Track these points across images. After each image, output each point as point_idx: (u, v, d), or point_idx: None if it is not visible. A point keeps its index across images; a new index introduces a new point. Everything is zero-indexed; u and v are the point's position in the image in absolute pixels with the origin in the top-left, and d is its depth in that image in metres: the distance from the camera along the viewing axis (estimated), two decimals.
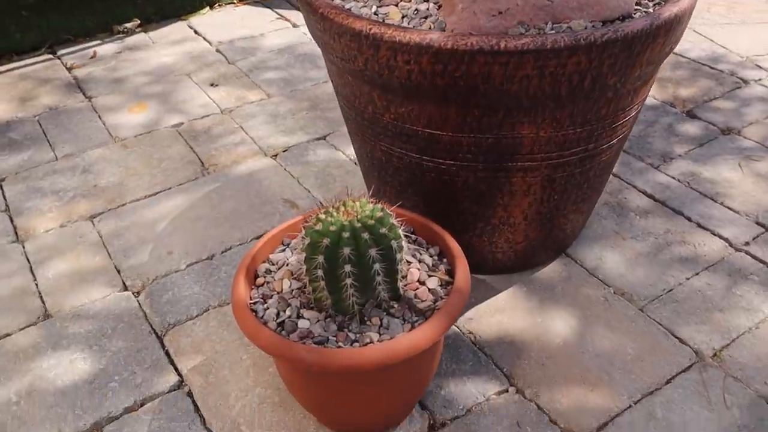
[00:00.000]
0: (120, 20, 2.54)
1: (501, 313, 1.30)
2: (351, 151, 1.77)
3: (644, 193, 1.60)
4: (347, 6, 1.17)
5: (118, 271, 1.45)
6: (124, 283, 1.42)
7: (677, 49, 2.22)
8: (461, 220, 1.25)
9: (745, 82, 2.03)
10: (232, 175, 1.71)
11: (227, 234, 1.53)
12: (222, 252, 1.48)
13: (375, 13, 1.14)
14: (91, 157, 1.82)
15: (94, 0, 2.66)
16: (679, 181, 1.63)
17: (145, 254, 1.49)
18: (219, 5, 2.66)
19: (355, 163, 1.72)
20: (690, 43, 2.26)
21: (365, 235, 0.91)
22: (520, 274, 1.38)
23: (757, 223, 1.50)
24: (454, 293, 0.96)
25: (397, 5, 1.16)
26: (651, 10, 1.14)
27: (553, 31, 1.03)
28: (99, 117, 1.99)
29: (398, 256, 0.94)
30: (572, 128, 1.11)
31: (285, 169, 1.72)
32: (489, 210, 1.22)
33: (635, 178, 1.64)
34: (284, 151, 1.79)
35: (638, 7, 1.15)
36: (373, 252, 0.91)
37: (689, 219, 1.52)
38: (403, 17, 1.13)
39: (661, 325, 1.27)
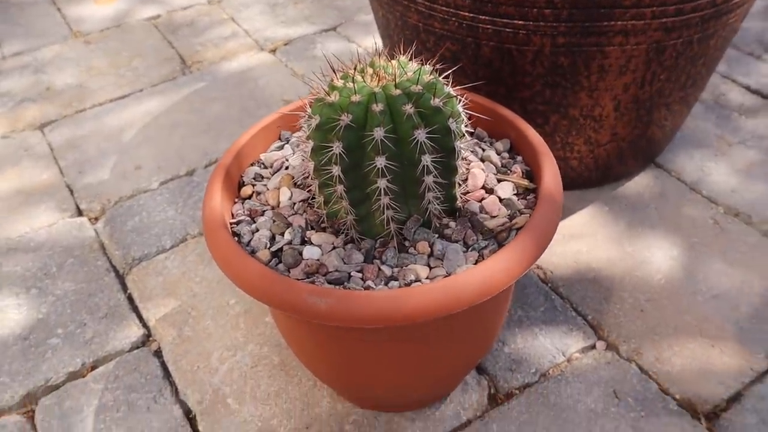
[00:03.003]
0: None
1: (578, 241, 0.96)
2: (369, 42, 1.41)
3: (748, 88, 1.24)
4: None
5: (71, 192, 1.12)
6: (77, 207, 1.09)
7: None
8: (527, 111, 0.90)
9: None
10: (220, 74, 1.36)
11: (212, 144, 1.19)
12: (205, 167, 1.14)
13: None
14: (46, 55, 1.47)
15: None
16: None
17: (106, 170, 1.15)
18: None
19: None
20: None
21: (409, 109, 0.56)
22: (599, 189, 1.04)
23: None
24: (542, 203, 0.61)
25: None
26: None
27: None
28: (58, 10, 1.63)
29: (458, 144, 0.60)
30: None
31: (286, 65, 1.37)
32: (568, 95, 0.87)
33: (733, 70, 1.28)
34: (285, 45, 1.43)
35: None
36: (421, 135, 0.57)
37: None
38: None
39: None
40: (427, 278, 0.59)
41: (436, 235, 0.62)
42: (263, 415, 0.78)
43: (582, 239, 0.96)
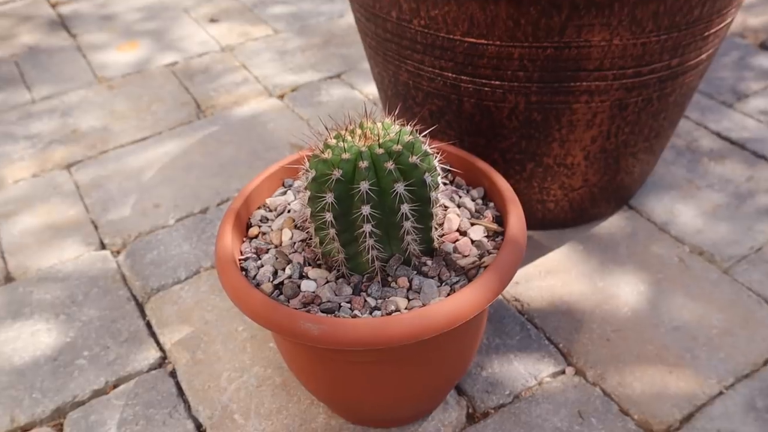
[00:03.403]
0: None
1: (553, 276, 1.06)
2: (370, 89, 1.53)
3: (718, 134, 1.34)
4: None
5: (96, 227, 1.23)
6: (101, 241, 1.20)
7: None
8: (505, 160, 1.01)
9: None
10: (232, 118, 1.48)
11: (224, 184, 1.30)
12: (217, 205, 1.25)
13: None
14: (72, 99, 1.59)
15: None
16: (758, 120, 1.37)
17: (127, 208, 1.26)
18: None
19: (375, 104, 1.47)
20: None
21: (389, 165, 0.67)
22: (575, 229, 1.14)
23: None
24: (506, 245, 0.72)
25: None
26: None
27: None
28: (83, 56, 1.76)
29: (433, 194, 0.70)
30: (655, 34, 0.86)
31: (293, 111, 1.48)
32: (542, 146, 0.98)
33: (706, 118, 1.39)
34: (293, 91, 1.55)
35: None
36: (400, 187, 0.67)
37: None
38: None
39: (751, 290, 1.02)
40: (405, 308, 0.69)
41: (415, 272, 0.73)
42: (266, 429, 0.88)
43: (557, 275, 1.06)
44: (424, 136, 0.89)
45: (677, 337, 0.96)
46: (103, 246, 1.19)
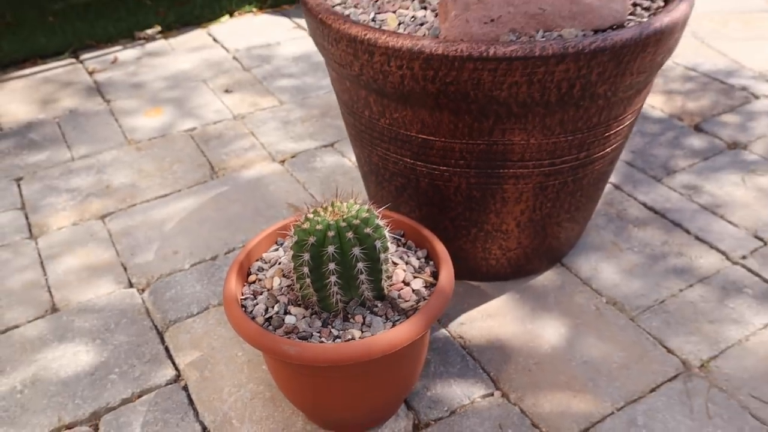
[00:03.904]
0: (142, 27, 2.61)
1: (492, 319, 1.32)
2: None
3: (644, 204, 1.61)
4: (347, 12, 1.21)
5: (125, 269, 1.50)
6: (129, 280, 1.46)
7: (689, 63, 2.23)
8: (454, 226, 1.28)
9: (756, 96, 2.03)
10: (240, 180, 1.75)
11: (231, 236, 1.57)
12: (225, 253, 1.52)
13: (373, 20, 1.18)
14: (106, 158, 1.87)
15: (119, 7, 2.74)
16: (680, 193, 1.64)
17: (151, 253, 1.53)
18: (238, 13, 2.72)
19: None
20: (703, 58, 2.26)
21: (349, 234, 0.94)
22: (514, 282, 1.40)
23: (756, 237, 1.50)
24: (435, 294, 0.98)
25: (394, 12, 1.19)
26: (645, 19, 1.15)
27: (543, 39, 1.05)
28: (116, 120, 2.05)
29: (382, 256, 0.97)
30: (563, 136, 1.13)
31: (291, 175, 1.76)
32: (481, 216, 1.25)
33: (636, 190, 1.66)
34: (292, 157, 1.83)
35: (632, 17, 1.17)
36: (356, 251, 0.94)
37: (688, 231, 1.52)
38: (399, 24, 1.16)
39: (650, 334, 1.28)
40: (360, 338, 0.95)
41: (368, 311, 0.99)
42: (256, 431, 1.13)
43: (495, 318, 1.32)
44: (386, 207, 1.16)
45: (585, 369, 1.21)
46: (130, 284, 1.46)
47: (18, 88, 2.26)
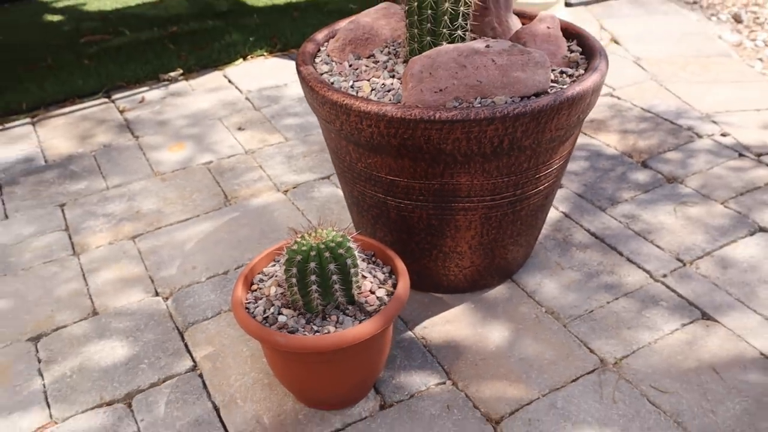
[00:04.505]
0: (166, 70, 2.95)
1: (450, 324, 1.62)
2: None
3: (588, 231, 1.91)
4: (332, 80, 1.53)
5: (152, 281, 1.81)
6: (156, 290, 1.78)
7: (646, 104, 2.53)
8: (419, 248, 1.58)
9: (699, 136, 2.33)
10: (250, 207, 2.07)
11: (240, 255, 1.88)
12: (235, 269, 1.84)
13: (351, 86, 1.50)
14: (136, 187, 2.20)
15: (146, 51, 3.09)
16: (619, 221, 1.94)
17: (174, 268, 1.85)
18: (251, 57, 3.06)
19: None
20: (659, 100, 2.57)
21: (327, 254, 1.25)
22: (471, 294, 1.70)
23: (677, 259, 1.79)
24: (393, 300, 1.29)
25: (369, 80, 1.51)
26: (566, 85, 1.46)
27: (479, 105, 1.37)
28: (144, 154, 2.38)
29: (352, 270, 1.28)
30: (500, 178, 1.44)
31: (293, 203, 2.08)
32: (440, 240, 1.55)
33: (583, 218, 1.96)
34: (294, 188, 2.15)
35: (555, 84, 1.48)
36: (332, 266, 1.25)
37: (621, 254, 1.82)
38: (372, 90, 1.48)
39: (577, 338, 1.57)
40: (334, 332, 1.26)
41: (341, 313, 1.30)
42: (256, 408, 1.44)
43: (453, 323, 1.62)
44: (363, 233, 1.47)
45: (520, 365, 1.51)
46: (157, 294, 1.77)
47: (59, 125, 2.60)
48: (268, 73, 2.92)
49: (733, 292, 1.68)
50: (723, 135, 2.32)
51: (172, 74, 2.92)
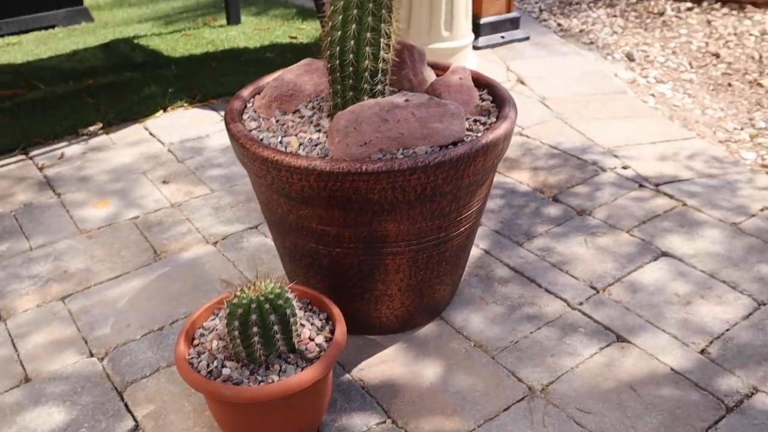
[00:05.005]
0: (85, 124, 2.94)
1: (385, 364, 1.69)
2: None
3: (507, 265, 2.03)
4: (261, 136, 1.59)
5: (86, 342, 1.81)
6: (90, 351, 1.78)
7: (553, 142, 2.69)
8: (352, 293, 1.65)
9: (603, 169, 2.50)
10: (180, 261, 2.10)
11: (174, 309, 1.90)
12: (170, 324, 1.85)
13: (280, 142, 1.57)
14: (62, 246, 2.19)
15: (62, 105, 3.07)
16: (536, 255, 2.06)
17: (107, 327, 1.85)
18: (171, 108, 3.09)
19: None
20: (564, 137, 2.74)
21: (267, 306, 1.31)
22: (402, 333, 1.78)
23: (591, 287, 1.93)
24: (331, 346, 1.35)
25: (296, 135, 1.58)
26: (480, 134, 1.57)
27: (402, 156, 1.46)
28: (67, 212, 2.37)
29: (291, 320, 1.33)
30: (425, 222, 1.53)
31: (223, 255, 2.11)
32: (371, 284, 1.63)
33: (502, 253, 2.07)
34: (223, 239, 2.19)
35: (470, 132, 1.59)
36: (272, 318, 1.31)
37: (540, 285, 1.94)
38: (300, 145, 1.55)
39: (506, 368, 1.67)
40: (278, 381, 1.31)
41: (283, 361, 1.35)
42: None
43: (388, 363, 1.69)
44: (297, 282, 1.53)
45: (455, 398, 1.59)
46: (92, 354, 1.77)
47: None
48: (189, 125, 2.96)
49: (643, 314, 1.82)
50: (624, 168, 2.50)
51: (92, 128, 2.91)
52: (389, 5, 1.52)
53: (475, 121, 1.65)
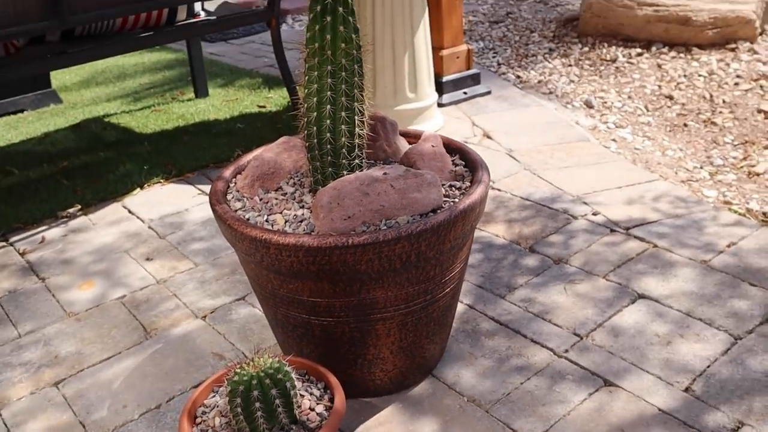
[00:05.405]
0: (63, 206, 2.97)
1: (382, 426, 1.73)
2: None
3: (492, 319, 2.09)
4: (247, 216, 1.65)
5: (84, 426, 1.83)
6: None
7: (524, 193, 2.79)
8: (345, 359, 1.70)
9: (575, 217, 2.60)
10: (171, 337, 2.13)
11: (170, 386, 1.93)
12: (167, 401, 1.88)
13: (266, 220, 1.63)
14: (50, 331, 2.21)
15: (39, 190, 3.11)
16: (519, 306, 2.13)
17: (104, 410, 1.87)
18: (147, 185, 3.14)
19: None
20: (534, 188, 2.84)
21: (267, 381, 1.35)
22: (397, 394, 1.82)
23: (575, 334, 1.99)
24: (332, 414, 1.40)
25: (281, 213, 1.65)
26: (457, 199, 1.65)
27: (385, 227, 1.53)
28: (53, 296, 2.39)
29: (292, 392, 1.38)
30: (411, 287, 1.59)
31: (213, 328, 2.15)
32: (363, 350, 1.68)
33: (486, 307, 2.14)
34: (212, 313, 2.23)
35: (447, 199, 1.67)
36: (273, 392, 1.35)
37: (525, 336, 2.01)
38: (285, 222, 1.61)
39: (500, 421, 1.72)
40: None
41: None
42: None
43: (384, 425, 1.73)
44: (294, 355, 1.57)
45: None
46: None
47: None
48: (167, 200, 3.00)
49: (626, 357, 1.89)
50: (594, 214, 2.60)
51: (70, 210, 2.94)
52: (360, 84, 1.61)
53: (451, 186, 1.74)
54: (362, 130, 1.64)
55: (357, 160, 1.66)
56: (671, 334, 1.96)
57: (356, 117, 1.61)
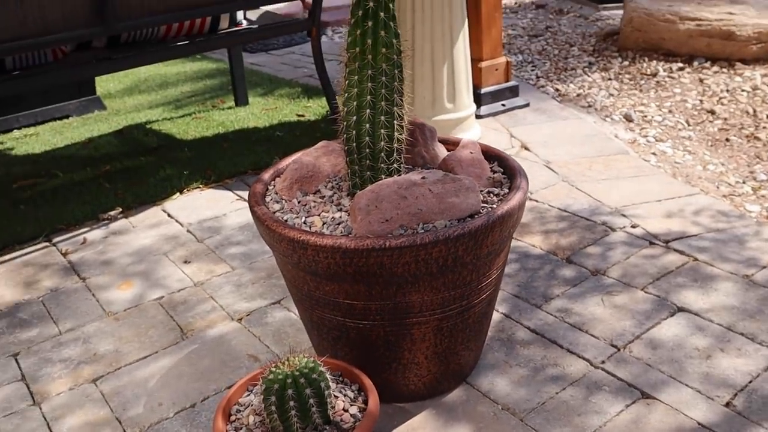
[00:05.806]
0: (104, 209, 3.03)
1: (417, 431, 1.72)
2: None
3: (528, 328, 2.07)
4: (285, 217, 1.67)
5: (120, 422, 1.85)
6: (125, 431, 1.82)
7: (561, 204, 2.77)
8: (379, 363, 1.70)
9: (613, 229, 2.57)
10: (207, 338, 2.15)
11: (205, 386, 1.94)
12: (201, 401, 1.89)
13: (304, 222, 1.64)
14: (90, 329, 2.24)
15: (82, 192, 3.17)
16: (555, 316, 2.11)
17: (140, 407, 1.89)
18: (187, 190, 3.18)
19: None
20: (572, 199, 2.82)
21: (302, 381, 1.36)
22: (431, 400, 1.81)
23: (612, 345, 1.97)
24: (366, 416, 1.40)
25: (319, 215, 1.66)
26: (495, 205, 1.65)
27: (423, 231, 1.53)
28: (93, 295, 2.43)
29: (326, 392, 1.38)
30: (447, 292, 1.59)
31: (248, 330, 2.17)
32: (398, 354, 1.68)
33: (522, 317, 2.12)
34: (247, 315, 2.24)
35: (485, 204, 1.66)
36: (308, 391, 1.36)
37: (561, 346, 1.98)
38: (323, 224, 1.62)
39: (535, 429, 1.70)
40: None
41: None
42: None
43: (417, 431, 1.72)
44: (328, 356, 1.58)
45: None
46: None
47: (1, 273, 2.62)
48: (205, 205, 3.04)
49: (665, 370, 1.86)
50: (633, 227, 2.57)
51: (112, 213, 3.00)
52: (401, 90, 1.62)
53: (489, 192, 1.73)
54: (401, 134, 1.65)
55: (395, 165, 1.66)
56: (711, 348, 1.93)
57: (395, 121, 1.62)
